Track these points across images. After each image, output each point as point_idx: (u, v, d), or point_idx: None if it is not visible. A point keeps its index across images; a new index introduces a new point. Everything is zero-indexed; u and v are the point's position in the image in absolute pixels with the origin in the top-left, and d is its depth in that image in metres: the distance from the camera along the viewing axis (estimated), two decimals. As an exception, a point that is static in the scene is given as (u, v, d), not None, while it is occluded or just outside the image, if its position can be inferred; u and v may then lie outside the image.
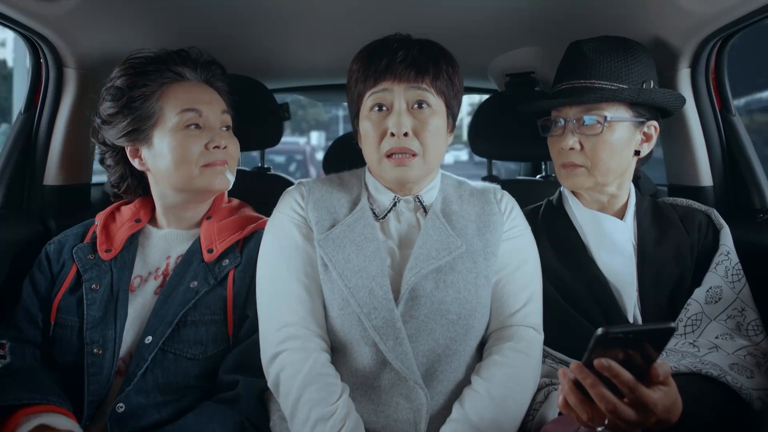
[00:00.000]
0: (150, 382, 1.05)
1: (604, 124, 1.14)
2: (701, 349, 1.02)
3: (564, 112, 1.18)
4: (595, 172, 1.17)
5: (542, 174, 2.20)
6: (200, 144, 1.14)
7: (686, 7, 1.26)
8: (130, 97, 1.14)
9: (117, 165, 1.23)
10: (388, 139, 1.04)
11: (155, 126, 1.14)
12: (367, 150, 1.08)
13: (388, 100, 1.04)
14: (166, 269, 1.17)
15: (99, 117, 1.19)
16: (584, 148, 1.16)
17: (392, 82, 1.04)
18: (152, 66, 1.16)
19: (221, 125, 1.20)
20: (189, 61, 1.21)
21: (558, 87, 1.22)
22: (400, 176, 1.05)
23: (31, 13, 1.26)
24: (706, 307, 1.09)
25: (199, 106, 1.16)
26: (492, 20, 1.54)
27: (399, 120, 1.02)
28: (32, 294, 1.15)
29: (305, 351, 1.00)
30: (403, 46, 1.05)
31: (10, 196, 1.44)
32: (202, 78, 1.22)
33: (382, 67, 1.03)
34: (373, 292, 1.00)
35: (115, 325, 1.09)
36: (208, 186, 1.16)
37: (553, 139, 1.22)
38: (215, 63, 1.27)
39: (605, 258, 1.18)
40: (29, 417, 0.95)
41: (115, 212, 1.25)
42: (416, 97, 1.04)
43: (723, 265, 1.13)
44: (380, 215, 1.12)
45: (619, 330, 0.72)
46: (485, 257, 1.08)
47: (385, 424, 0.98)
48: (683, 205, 1.28)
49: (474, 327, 1.04)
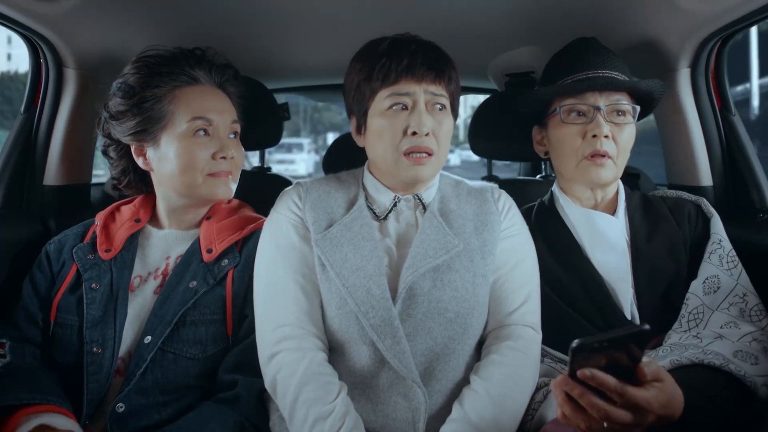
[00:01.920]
0: (150, 381, 1.06)
1: (635, 113, 1.18)
2: (704, 340, 1.01)
3: (593, 100, 1.17)
4: (618, 162, 1.18)
5: (542, 174, 2.20)
6: (208, 152, 1.14)
7: (686, 7, 1.26)
8: (142, 97, 1.12)
9: (120, 159, 1.22)
10: (409, 137, 1.04)
11: (164, 129, 1.13)
12: (380, 148, 1.07)
13: (408, 100, 1.05)
14: (166, 269, 1.17)
15: (108, 111, 1.17)
16: (613, 137, 1.16)
17: (413, 82, 1.05)
18: (167, 67, 1.14)
19: (230, 133, 1.19)
20: (204, 63, 1.19)
21: (576, 76, 1.19)
22: (416, 175, 1.06)
23: (31, 13, 1.26)
24: (706, 298, 1.08)
25: (210, 115, 1.15)
26: (492, 20, 1.54)
27: (422, 120, 1.04)
28: (32, 293, 1.15)
29: (301, 351, 1.00)
30: (422, 48, 1.07)
31: (10, 196, 1.44)
32: (215, 82, 1.21)
33: (403, 67, 1.04)
34: (370, 290, 1.00)
35: (114, 325, 1.10)
36: (211, 195, 1.17)
37: (575, 128, 1.18)
38: (230, 66, 1.25)
39: (599, 256, 1.18)
40: (29, 417, 0.95)
41: (115, 212, 1.25)
42: (434, 98, 1.06)
43: (716, 254, 1.12)
44: (381, 215, 1.12)
45: (593, 340, 0.72)
46: (482, 256, 1.08)
47: (383, 424, 0.98)
48: (673, 196, 1.27)
49: (472, 325, 1.04)
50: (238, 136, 1.23)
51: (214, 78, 1.20)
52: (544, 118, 1.27)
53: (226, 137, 1.18)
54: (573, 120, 1.18)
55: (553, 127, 1.23)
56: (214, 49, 1.24)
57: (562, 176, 1.26)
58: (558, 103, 1.21)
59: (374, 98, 1.07)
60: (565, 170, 1.23)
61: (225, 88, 1.23)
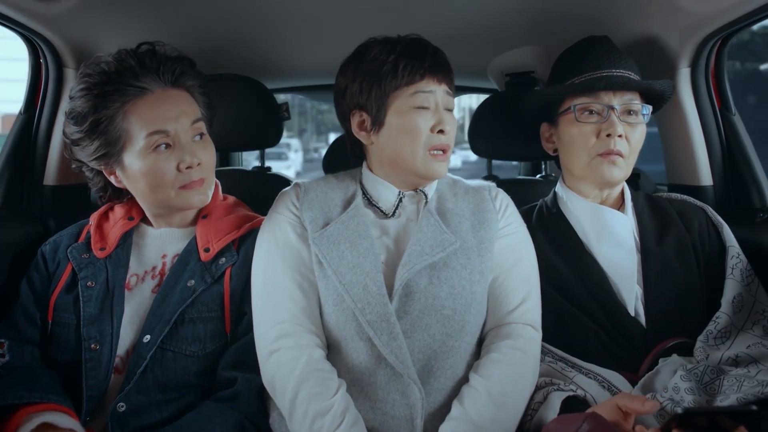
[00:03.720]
0: (150, 380, 1.06)
1: (649, 113, 1.19)
2: (750, 367, 1.01)
3: (607, 99, 1.17)
4: (629, 161, 1.18)
5: (542, 174, 2.20)
6: (172, 165, 1.09)
7: (686, 7, 1.26)
8: (94, 122, 1.07)
9: (95, 177, 1.18)
10: (437, 135, 1.08)
11: (124, 149, 1.09)
12: (408, 144, 1.08)
13: (432, 99, 1.08)
14: (163, 268, 1.17)
15: (67, 138, 1.12)
16: (626, 137, 1.17)
17: (435, 82, 1.08)
18: (111, 85, 1.07)
19: (194, 135, 1.13)
20: (151, 65, 1.10)
21: (592, 74, 1.19)
22: (438, 171, 1.10)
23: (31, 13, 1.26)
24: (735, 317, 1.09)
25: (167, 126, 1.08)
26: (492, 20, 1.54)
27: (446, 119, 1.08)
28: (29, 294, 1.16)
29: (299, 348, 1.00)
30: (437, 50, 1.11)
31: (10, 196, 1.44)
32: (167, 82, 1.11)
33: (426, 67, 1.07)
34: (367, 287, 1.01)
35: (111, 321, 1.10)
36: (186, 206, 1.15)
37: (589, 127, 1.18)
38: (180, 60, 1.15)
39: (606, 250, 1.18)
40: (31, 416, 0.95)
41: (109, 212, 1.24)
42: (448, 99, 1.11)
43: (738, 269, 1.13)
44: (389, 212, 1.13)
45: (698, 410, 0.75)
46: (479, 253, 1.08)
47: (381, 422, 0.98)
48: (678, 199, 1.28)
49: (469, 322, 1.05)
50: (204, 137, 1.16)
51: (164, 79, 1.11)
52: (553, 116, 1.26)
53: (189, 143, 1.11)
54: (587, 119, 1.18)
55: (566, 125, 1.22)
56: (163, 43, 1.15)
57: (572, 174, 1.26)
58: (571, 102, 1.20)
59: (397, 94, 1.07)
60: (576, 168, 1.22)
61: (181, 84, 1.14)
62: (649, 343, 1.11)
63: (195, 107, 1.16)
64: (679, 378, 1.00)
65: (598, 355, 1.11)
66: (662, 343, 1.10)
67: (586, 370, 1.08)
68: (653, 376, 1.05)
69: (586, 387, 1.03)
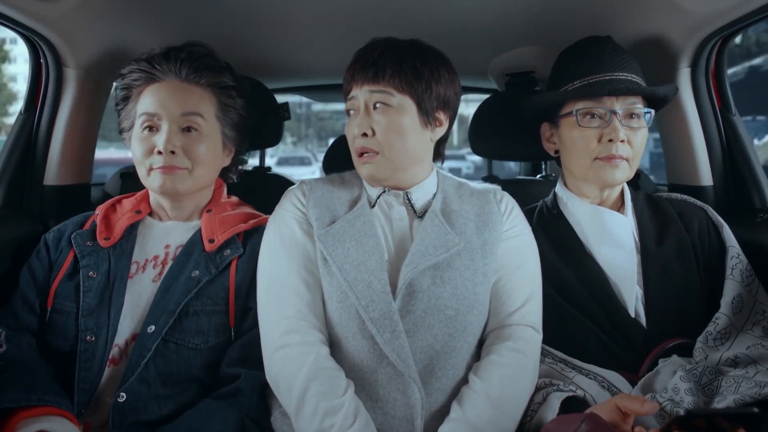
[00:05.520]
0: (152, 371, 1.05)
1: (651, 117, 1.19)
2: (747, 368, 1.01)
3: (609, 104, 1.16)
4: (632, 164, 1.18)
5: (542, 174, 2.20)
6: (145, 148, 1.15)
7: (686, 7, 1.26)
8: (122, 97, 1.21)
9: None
10: (360, 138, 1.10)
11: (132, 128, 1.19)
12: (351, 150, 1.15)
13: (356, 105, 1.11)
14: (165, 258, 1.17)
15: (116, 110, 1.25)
16: (628, 141, 1.16)
17: (355, 86, 1.10)
18: (137, 71, 1.18)
19: (182, 126, 1.15)
20: (171, 59, 1.17)
21: (595, 78, 1.18)
22: (363, 173, 1.12)
23: (31, 13, 1.26)
24: (734, 318, 1.09)
25: (156, 109, 1.14)
26: (492, 20, 1.54)
27: (364, 122, 1.08)
28: (30, 281, 1.15)
29: (306, 345, 1.00)
30: (366, 51, 1.10)
31: (10, 196, 1.44)
32: (182, 75, 1.17)
33: (349, 77, 1.11)
34: (371, 285, 1.02)
35: (109, 313, 1.09)
36: (153, 189, 1.19)
37: (591, 131, 1.17)
38: (203, 57, 1.20)
39: (606, 252, 1.18)
40: (28, 421, 0.92)
41: (116, 204, 1.26)
42: (374, 97, 1.08)
43: (738, 269, 1.13)
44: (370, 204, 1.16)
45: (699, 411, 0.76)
46: (483, 255, 1.08)
47: (383, 421, 0.98)
48: (678, 199, 1.28)
49: (472, 323, 1.05)
50: (197, 133, 1.16)
51: (180, 73, 1.17)
52: (555, 117, 1.25)
53: (173, 131, 1.13)
54: (589, 123, 1.17)
55: (567, 127, 1.21)
56: (202, 44, 1.22)
57: (573, 175, 1.25)
58: (573, 105, 1.19)
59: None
60: (578, 169, 1.22)
61: (197, 81, 1.18)
62: (649, 344, 1.11)
63: (201, 103, 1.18)
64: (679, 379, 1.00)
65: (598, 356, 1.11)
66: (662, 343, 1.10)
67: (586, 370, 1.08)
68: (653, 377, 1.05)
69: (585, 387, 1.03)
